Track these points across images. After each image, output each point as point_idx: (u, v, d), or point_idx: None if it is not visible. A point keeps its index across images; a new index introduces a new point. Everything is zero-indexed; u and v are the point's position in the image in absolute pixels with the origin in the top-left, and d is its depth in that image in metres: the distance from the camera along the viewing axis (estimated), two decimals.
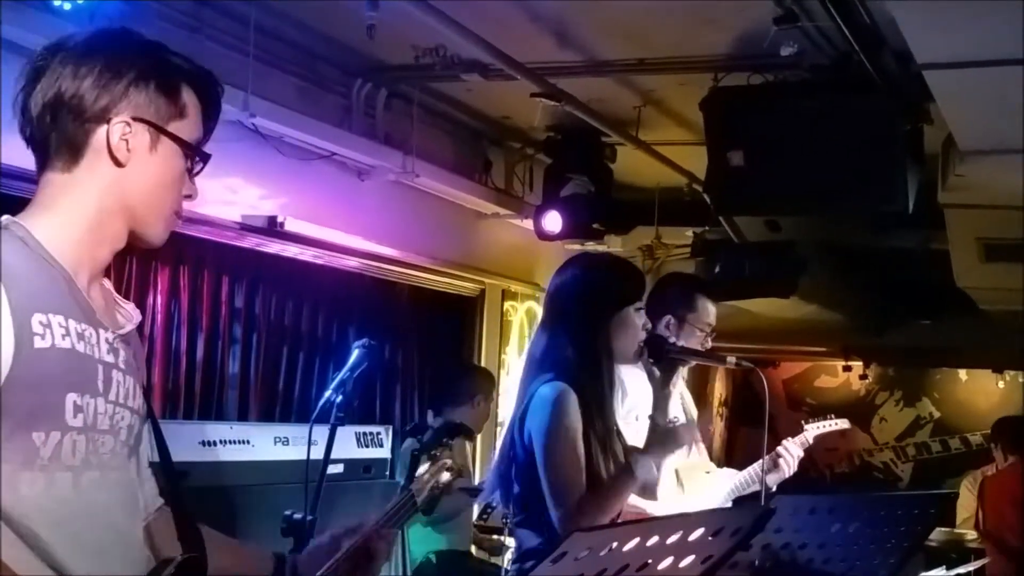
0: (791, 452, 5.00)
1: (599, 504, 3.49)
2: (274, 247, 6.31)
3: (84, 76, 2.09)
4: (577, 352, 3.63)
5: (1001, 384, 12.86)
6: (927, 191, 6.14)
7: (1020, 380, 12.78)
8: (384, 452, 6.57)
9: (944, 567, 4.72)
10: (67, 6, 4.66)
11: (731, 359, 4.05)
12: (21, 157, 2.29)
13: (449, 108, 7.42)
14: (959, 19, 4.21)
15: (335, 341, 7.08)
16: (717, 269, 8.38)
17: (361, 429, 6.45)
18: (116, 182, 2.10)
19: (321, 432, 4.34)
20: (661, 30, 5.75)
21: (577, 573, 1.70)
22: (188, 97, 2.17)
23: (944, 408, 13.35)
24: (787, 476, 4.94)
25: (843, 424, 5.83)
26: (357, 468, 6.24)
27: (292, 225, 6.10)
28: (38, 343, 1.93)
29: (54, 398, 1.95)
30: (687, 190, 8.27)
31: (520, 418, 3.65)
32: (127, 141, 2.09)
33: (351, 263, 7.11)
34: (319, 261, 6.85)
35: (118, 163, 2.09)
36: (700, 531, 1.87)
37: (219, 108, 2.28)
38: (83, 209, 2.10)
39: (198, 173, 2.21)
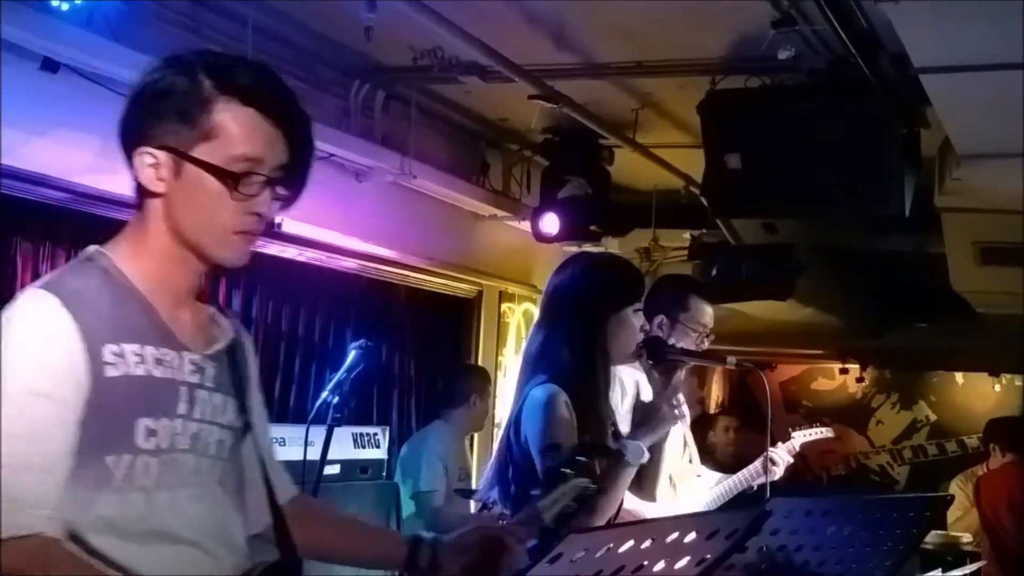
0: (781, 458, 5.08)
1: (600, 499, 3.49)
2: (272, 248, 6.32)
3: (125, 110, 2.18)
4: (572, 353, 3.63)
5: (997, 387, 12.85)
6: (924, 194, 6.15)
7: (1016, 383, 12.78)
8: (381, 453, 6.59)
9: (940, 570, 4.72)
10: (65, 6, 4.67)
11: (731, 359, 4.05)
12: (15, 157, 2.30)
13: (447, 110, 7.42)
14: (956, 23, 4.22)
15: (332, 342, 7.08)
16: (714, 271, 8.39)
17: (358, 430, 6.47)
18: (164, 211, 2.16)
19: (318, 433, 4.36)
20: (659, 33, 5.75)
21: (573, 574, 1.70)
22: (225, 115, 2.12)
23: (940, 411, 13.34)
24: (776, 479, 4.99)
25: (828, 432, 5.91)
26: (354, 469, 6.26)
27: (290, 226, 6.10)
28: (109, 372, 2.03)
29: (125, 423, 2.05)
30: (684, 192, 8.27)
31: (515, 419, 3.66)
32: (156, 170, 2.14)
33: (348, 264, 7.11)
34: (317, 262, 6.86)
35: (153, 194, 2.16)
36: (696, 533, 1.87)
37: (291, 115, 2.20)
38: (151, 238, 2.18)
39: (258, 192, 2.15)
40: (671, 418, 3.71)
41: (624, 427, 3.86)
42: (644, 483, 3.85)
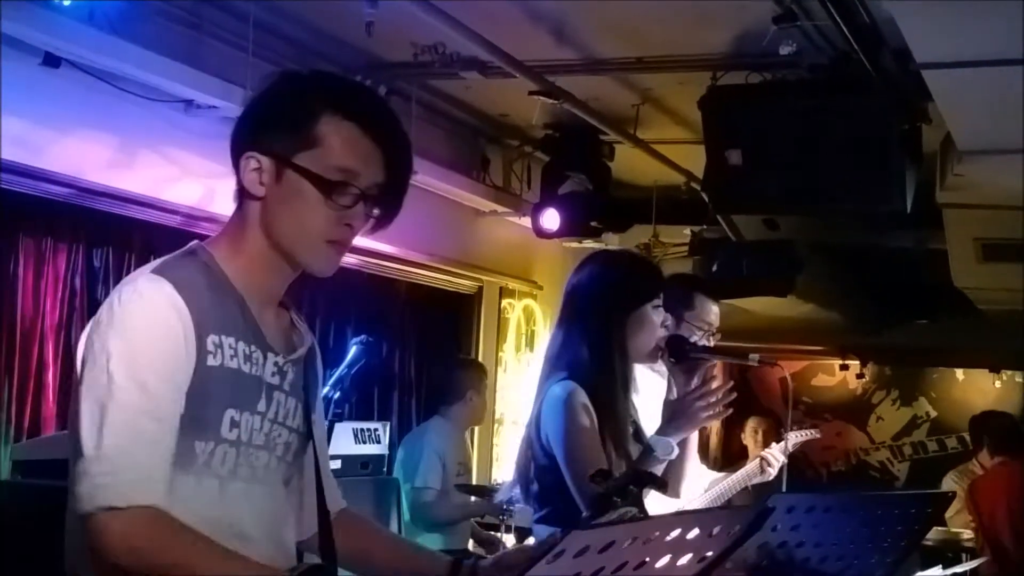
0: (776, 458, 5.09)
1: None
2: None
3: (239, 118, 2.30)
4: (590, 351, 3.63)
5: (998, 384, 12.85)
6: (925, 190, 6.14)
7: (1017, 380, 12.78)
8: (382, 448, 6.58)
9: (940, 566, 4.73)
10: (67, 2, 4.68)
11: (754, 356, 4.04)
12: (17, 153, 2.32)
13: (447, 105, 7.43)
14: (958, 19, 4.22)
15: (333, 338, 7.08)
16: (715, 268, 8.39)
17: (359, 425, 6.46)
18: (262, 215, 2.25)
19: None
20: (660, 28, 5.76)
21: (575, 571, 1.70)
22: (329, 127, 2.21)
23: (941, 407, 13.33)
24: (770, 479, 5.05)
25: (816, 434, 6.00)
26: (355, 464, 6.25)
27: None
28: (210, 361, 2.14)
29: (215, 412, 2.15)
30: (685, 188, 8.28)
31: (536, 418, 3.66)
32: (259, 174, 2.22)
33: (349, 260, 7.06)
34: None
35: (253, 196, 2.24)
36: (697, 529, 1.87)
37: (392, 136, 2.31)
38: (247, 240, 2.26)
39: (351, 204, 2.24)
40: (702, 415, 3.71)
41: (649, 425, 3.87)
42: (670, 479, 3.84)
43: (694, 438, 4.09)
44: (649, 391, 4.15)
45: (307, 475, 2.41)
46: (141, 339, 2.07)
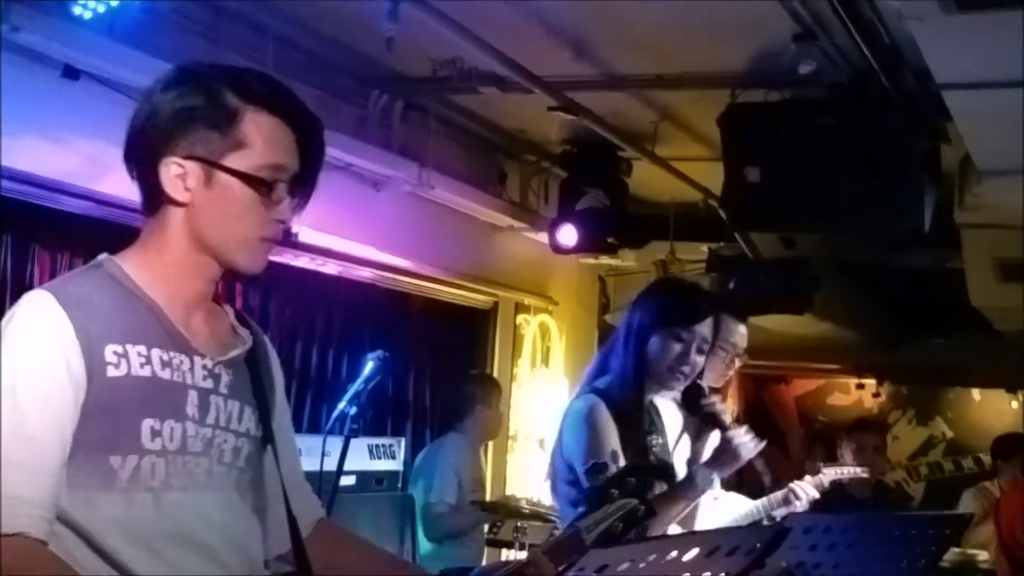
0: (806, 492, 4.92)
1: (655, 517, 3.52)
2: (288, 257, 6.32)
3: (143, 118, 2.19)
4: (615, 368, 3.71)
5: (1015, 404, 12.82)
6: (943, 210, 6.14)
7: None
8: (396, 464, 6.58)
9: None
10: (87, 15, 4.67)
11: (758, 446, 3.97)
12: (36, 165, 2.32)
13: (465, 120, 7.43)
14: (978, 39, 4.22)
15: (348, 352, 7.07)
16: (732, 285, 8.38)
17: (374, 441, 6.47)
18: (186, 219, 2.17)
19: (334, 443, 4.34)
20: (679, 46, 5.75)
21: None
22: (252, 125, 2.16)
23: (957, 427, 13.30)
24: (797, 510, 4.89)
25: (863, 473, 5.74)
26: (369, 480, 6.26)
27: (306, 235, 6.10)
28: (111, 372, 2.05)
29: (130, 423, 2.06)
30: (702, 205, 8.26)
31: (560, 432, 3.74)
32: (183, 180, 2.15)
33: (365, 274, 7.12)
34: (333, 272, 6.86)
35: (175, 203, 2.17)
36: (716, 549, 1.87)
37: (308, 123, 2.24)
38: (166, 246, 2.19)
39: (280, 200, 2.19)
40: (748, 453, 3.73)
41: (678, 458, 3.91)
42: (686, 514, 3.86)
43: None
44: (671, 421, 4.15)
45: (271, 490, 2.33)
46: (17, 361, 2.00)
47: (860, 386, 13.10)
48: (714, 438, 3.96)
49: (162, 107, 2.17)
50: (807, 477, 5.03)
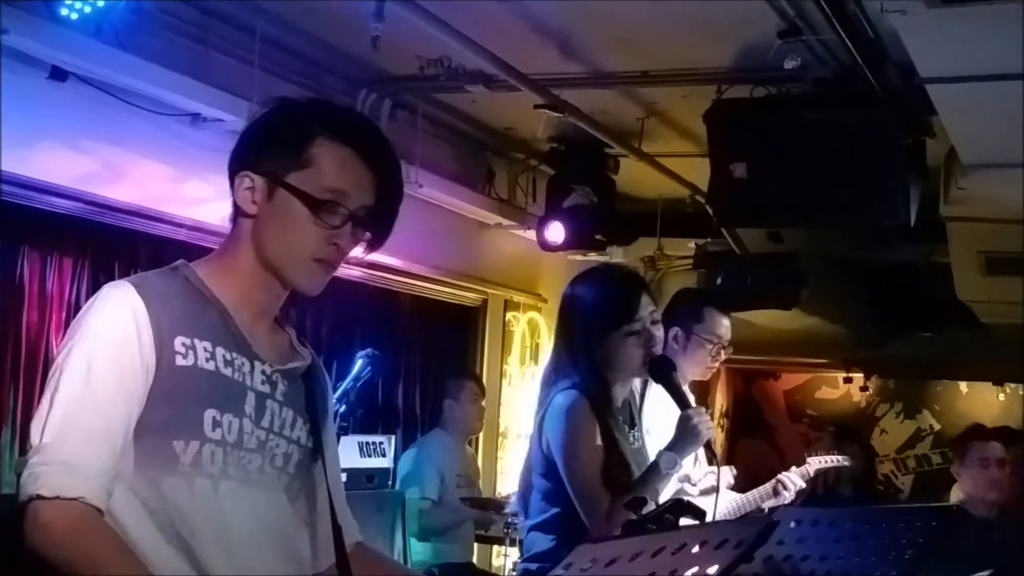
0: (793, 482, 5.01)
1: None
2: None
3: (238, 140, 2.37)
4: (582, 366, 3.70)
5: (1002, 396, 12.85)
6: (929, 204, 6.15)
7: (1020, 392, 12.77)
8: (387, 462, 6.59)
9: None
10: (74, 16, 4.67)
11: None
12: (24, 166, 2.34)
13: (453, 119, 7.44)
14: (962, 33, 4.23)
15: (339, 351, 7.08)
16: (719, 280, 8.39)
17: (364, 439, 6.47)
18: (253, 233, 2.31)
19: None
20: (665, 42, 5.77)
21: None
22: (322, 150, 2.27)
23: (945, 420, 13.32)
24: (785, 501, 4.96)
25: (845, 461, 5.83)
26: (360, 478, 6.26)
27: None
28: (179, 361, 2.18)
29: (194, 411, 2.18)
30: (689, 201, 8.28)
31: (538, 426, 3.73)
32: (252, 193, 2.29)
33: (354, 273, 7.11)
34: None
35: (245, 214, 2.31)
36: (704, 543, 1.88)
37: (384, 161, 2.36)
38: (237, 257, 2.33)
39: (340, 224, 2.28)
40: (704, 434, 3.74)
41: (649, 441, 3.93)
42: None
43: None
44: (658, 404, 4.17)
45: (320, 505, 2.42)
46: (94, 339, 2.14)
47: (848, 380, 13.11)
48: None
49: (254, 125, 2.37)
50: (793, 468, 5.11)
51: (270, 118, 2.36)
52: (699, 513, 2.79)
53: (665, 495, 3.86)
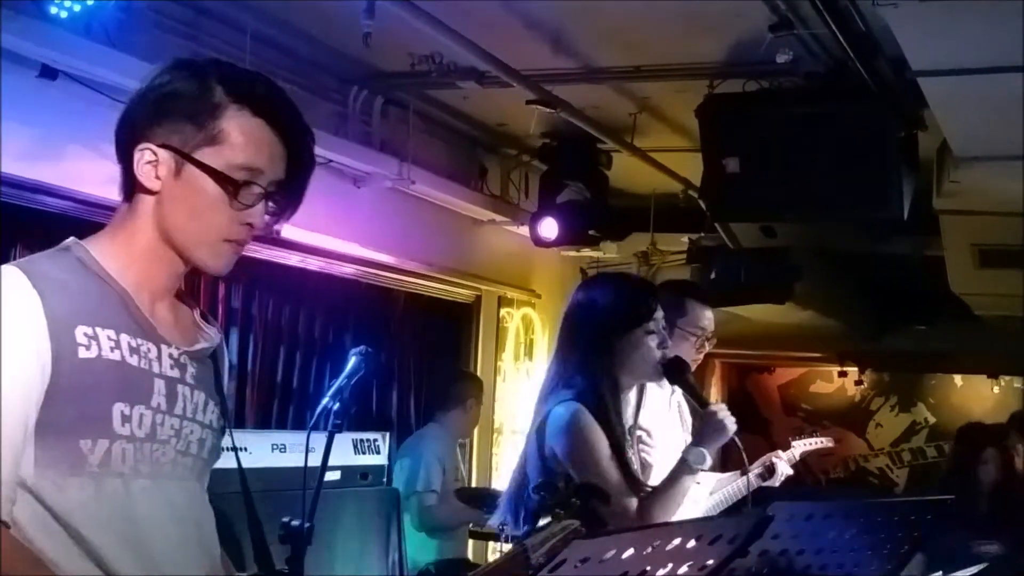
0: (780, 468, 5.05)
1: (661, 503, 3.60)
2: (270, 254, 6.31)
3: (131, 101, 2.17)
4: (587, 375, 3.70)
5: (996, 389, 12.89)
6: (922, 197, 6.16)
7: (1015, 385, 12.81)
8: (381, 459, 6.58)
9: (941, 572, 4.72)
10: (63, 14, 4.66)
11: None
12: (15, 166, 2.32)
13: (445, 115, 7.43)
14: (953, 26, 4.23)
15: (331, 348, 7.08)
16: (713, 275, 8.40)
17: (358, 436, 6.46)
18: (155, 209, 2.14)
19: (318, 439, 4.34)
20: (657, 37, 5.76)
21: None
22: (233, 123, 2.12)
23: (939, 413, 13.37)
24: (774, 485, 5.01)
25: (828, 442, 5.88)
26: (354, 475, 6.25)
27: (288, 232, 6.09)
28: (82, 353, 2.01)
29: (101, 407, 2.02)
30: (682, 196, 8.28)
31: (537, 437, 3.71)
32: (155, 168, 2.12)
33: (347, 270, 7.11)
34: (315, 268, 6.85)
35: (146, 190, 2.14)
36: (699, 538, 1.88)
37: (297, 133, 2.20)
38: (136, 235, 2.16)
39: (254, 203, 2.14)
40: (730, 427, 3.76)
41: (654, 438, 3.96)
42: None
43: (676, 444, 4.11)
44: (655, 404, 4.18)
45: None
46: None
47: (843, 374, 13.15)
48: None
49: (150, 92, 2.15)
50: (779, 452, 5.15)
51: (172, 84, 2.14)
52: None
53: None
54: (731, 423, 3.75)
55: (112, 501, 2.03)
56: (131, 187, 2.17)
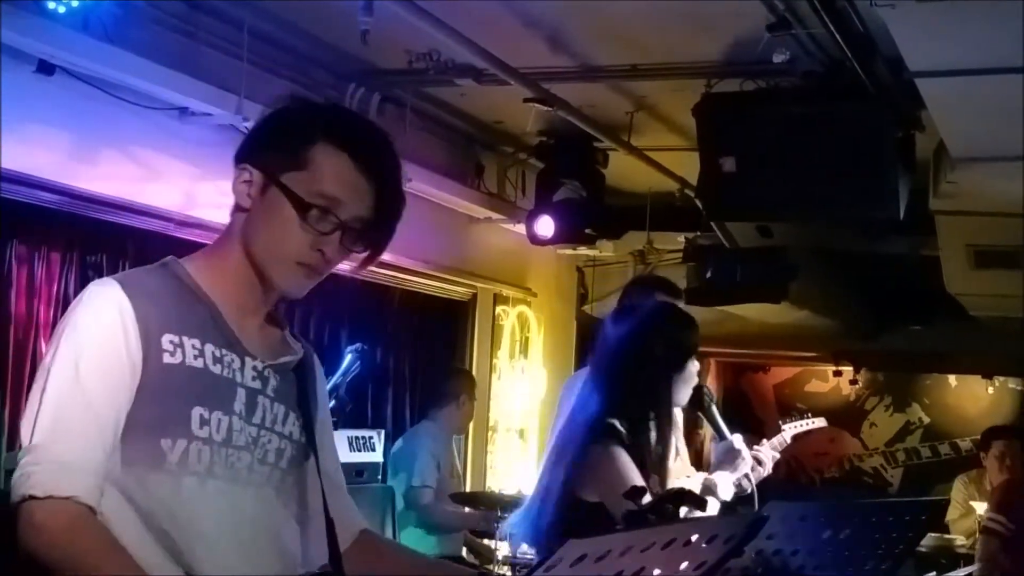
0: (766, 455, 5.03)
1: None
2: None
3: (247, 134, 2.38)
4: (640, 407, 3.67)
5: (990, 390, 12.89)
6: (918, 198, 6.16)
7: (1010, 386, 12.81)
8: (376, 456, 6.59)
9: (934, 573, 4.73)
10: (61, 9, 4.66)
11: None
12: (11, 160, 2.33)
13: (442, 113, 7.43)
14: (951, 27, 4.23)
15: (327, 345, 7.07)
16: (709, 274, 8.40)
17: (353, 433, 6.47)
18: (244, 227, 2.29)
19: None
20: (654, 36, 5.76)
21: None
22: (320, 154, 2.24)
23: (934, 413, 13.37)
24: (764, 475, 4.99)
25: (820, 422, 5.87)
26: (349, 472, 6.22)
27: None
28: (167, 359, 2.16)
29: (181, 410, 2.16)
30: (679, 195, 8.28)
31: (567, 470, 3.63)
32: (248, 186, 2.28)
33: (343, 267, 7.09)
34: None
35: (240, 208, 2.30)
36: (694, 538, 1.88)
37: (384, 174, 2.33)
38: (228, 253, 2.32)
39: (327, 230, 2.24)
40: (742, 467, 3.78)
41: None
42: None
43: (681, 440, 4.12)
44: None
45: (313, 502, 2.39)
46: (81, 337, 2.13)
47: (838, 373, 13.14)
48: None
49: (264, 120, 2.36)
50: (764, 441, 5.13)
51: (280, 114, 2.33)
52: (700, 502, 2.79)
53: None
54: (748, 454, 3.76)
55: (188, 497, 2.16)
56: (234, 206, 2.32)
